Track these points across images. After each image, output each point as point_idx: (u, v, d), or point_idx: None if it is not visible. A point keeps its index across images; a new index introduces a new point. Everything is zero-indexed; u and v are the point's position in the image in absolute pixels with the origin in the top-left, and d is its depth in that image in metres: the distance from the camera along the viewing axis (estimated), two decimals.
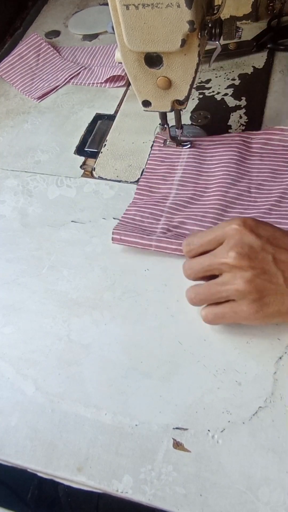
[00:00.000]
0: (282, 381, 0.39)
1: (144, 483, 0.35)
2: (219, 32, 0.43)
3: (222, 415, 0.37)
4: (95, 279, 0.47)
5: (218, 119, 0.60)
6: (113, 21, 0.41)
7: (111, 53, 0.74)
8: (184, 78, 0.45)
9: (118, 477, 0.36)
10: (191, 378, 0.40)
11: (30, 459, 0.37)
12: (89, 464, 0.36)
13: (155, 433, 0.37)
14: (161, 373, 0.40)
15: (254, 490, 0.34)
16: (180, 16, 0.38)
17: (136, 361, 0.41)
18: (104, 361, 0.42)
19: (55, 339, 0.44)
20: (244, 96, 0.62)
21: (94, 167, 0.58)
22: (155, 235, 0.49)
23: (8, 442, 0.38)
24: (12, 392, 0.41)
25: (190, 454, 0.36)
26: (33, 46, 0.76)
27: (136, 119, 0.62)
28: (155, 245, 0.47)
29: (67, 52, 0.77)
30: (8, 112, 0.69)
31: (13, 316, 0.46)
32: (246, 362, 0.40)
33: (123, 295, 0.46)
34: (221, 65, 0.68)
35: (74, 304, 0.46)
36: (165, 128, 0.54)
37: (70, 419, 0.39)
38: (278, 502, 0.33)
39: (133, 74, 0.46)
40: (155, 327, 0.43)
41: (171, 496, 0.34)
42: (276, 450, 0.35)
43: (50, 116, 0.67)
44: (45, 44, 0.77)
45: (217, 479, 0.35)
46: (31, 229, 0.53)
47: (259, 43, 0.68)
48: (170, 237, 0.48)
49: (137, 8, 0.38)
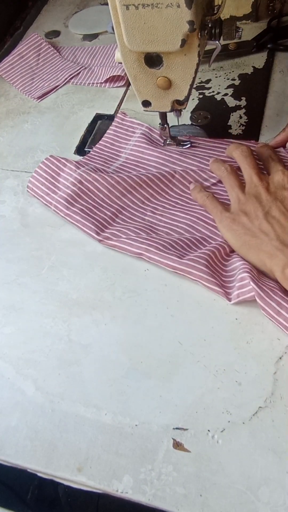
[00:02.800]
0: (282, 381, 0.39)
1: (144, 483, 0.35)
2: (219, 32, 0.43)
3: (222, 415, 0.37)
4: (95, 279, 0.47)
5: (218, 119, 0.60)
6: (113, 21, 0.41)
7: (111, 53, 0.74)
8: (184, 78, 0.45)
9: (118, 477, 0.36)
10: (191, 378, 0.40)
11: (30, 459, 0.37)
12: (89, 464, 0.36)
13: (155, 433, 0.37)
14: (161, 373, 0.40)
15: (254, 490, 0.34)
16: (180, 16, 0.38)
17: (136, 361, 0.41)
18: (104, 361, 0.42)
19: (55, 339, 0.44)
20: (244, 96, 0.62)
21: None
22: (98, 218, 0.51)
23: (8, 442, 0.38)
24: (12, 392, 0.41)
25: (190, 454, 0.36)
26: (33, 46, 0.76)
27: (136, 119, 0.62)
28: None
29: (67, 52, 0.77)
30: (8, 112, 0.69)
31: (13, 316, 0.46)
32: (246, 362, 0.40)
33: (123, 295, 0.46)
34: (221, 65, 0.68)
35: (74, 304, 0.46)
36: (165, 128, 0.54)
37: (70, 419, 0.39)
38: (278, 502, 0.33)
39: (133, 74, 0.46)
40: (155, 327, 0.43)
41: (171, 496, 0.34)
42: (276, 450, 0.35)
43: (50, 116, 0.67)
44: (45, 44, 0.77)
45: (217, 479, 0.35)
46: (31, 229, 0.53)
47: (259, 43, 0.68)
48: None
49: (137, 8, 0.38)
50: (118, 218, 0.52)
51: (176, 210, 0.52)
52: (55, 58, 0.76)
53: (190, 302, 0.44)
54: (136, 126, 0.60)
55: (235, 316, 0.43)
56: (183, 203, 0.52)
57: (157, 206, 0.52)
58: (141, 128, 0.59)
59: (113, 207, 0.52)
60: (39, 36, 0.77)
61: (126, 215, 0.52)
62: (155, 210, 0.52)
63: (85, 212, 0.51)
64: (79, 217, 0.51)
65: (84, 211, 0.51)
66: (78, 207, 0.52)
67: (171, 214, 0.51)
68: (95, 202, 0.53)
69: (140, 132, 0.59)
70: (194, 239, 0.48)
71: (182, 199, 0.53)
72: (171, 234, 0.49)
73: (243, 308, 0.43)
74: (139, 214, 0.52)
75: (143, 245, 0.47)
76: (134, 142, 0.58)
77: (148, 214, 0.52)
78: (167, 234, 0.49)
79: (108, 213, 0.52)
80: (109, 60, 0.74)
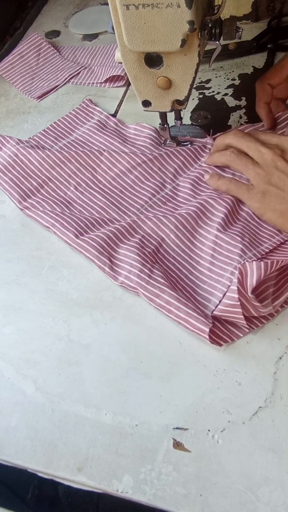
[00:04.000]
0: (282, 381, 0.39)
1: (144, 483, 0.35)
2: (219, 32, 0.43)
3: (222, 415, 0.37)
4: (95, 279, 0.47)
5: (218, 119, 0.60)
6: (113, 21, 0.41)
7: (111, 53, 0.74)
8: (184, 78, 0.45)
9: (118, 477, 0.36)
10: (191, 378, 0.40)
11: (30, 459, 0.37)
12: (89, 464, 0.36)
13: (155, 433, 0.37)
14: (161, 373, 0.40)
15: (254, 490, 0.34)
16: (180, 16, 0.38)
17: (136, 361, 0.41)
18: (104, 361, 0.42)
19: (55, 339, 0.44)
20: (244, 96, 0.62)
21: None
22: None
23: (8, 442, 0.38)
24: (12, 392, 0.41)
25: (190, 454, 0.36)
26: (33, 45, 0.76)
27: (136, 119, 0.62)
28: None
29: (67, 52, 0.77)
30: (8, 112, 0.69)
31: (13, 316, 0.46)
32: (246, 362, 0.40)
33: (123, 295, 0.46)
34: (221, 65, 0.68)
35: (74, 304, 0.46)
36: (165, 128, 0.54)
37: (70, 419, 0.39)
38: (278, 502, 0.33)
39: (133, 74, 0.46)
40: (155, 327, 0.43)
41: (171, 496, 0.34)
42: (276, 450, 0.35)
43: (50, 116, 0.67)
44: (45, 43, 0.77)
45: (217, 479, 0.35)
46: (31, 229, 0.53)
47: (259, 44, 0.68)
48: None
49: (137, 8, 0.38)
50: (42, 189, 0.55)
51: (95, 190, 0.54)
52: (55, 57, 0.76)
53: None
54: (96, 113, 0.64)
55: None
56: (106, 182, 0.55)
57: (81, 182, 0.55)
58: (99, 116, 0.63)
59: (40, 178, 0.56)
60: (39, 36, 0.77)
61: (51, 187, 0.56)
62: (78, 186, 0.55)
63: (14, 182, 0.56)
64: (7, 186, 0.55)
65: (13, 181, 0.56)
66: (8, 177, 0.56)
67: (89, 193, 0.54)
68: (25, 172, 0.57)
69: (97, 119, 0.63)
70: (101, 220, 0.51)
71: (106, 178, 0.55)
72: (84, 213, 0.52)
73: None
74: (63, 187, 0.56)
75: (51, 220, 0.50)
76: (89, 126, 0.62)
77: (71, 189, 0.55)
78: (80, 213, 0.52)
79: (35, 183, 0.56)
80: (109, 60, 0.74)
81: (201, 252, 0.46)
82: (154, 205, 0.52)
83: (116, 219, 0.51)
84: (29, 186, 0.55)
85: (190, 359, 0.41)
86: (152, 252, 0.46)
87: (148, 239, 0.48)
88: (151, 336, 0.43)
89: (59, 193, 0.55)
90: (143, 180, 0.54)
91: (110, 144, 0.58)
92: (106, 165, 0.55)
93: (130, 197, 0.53)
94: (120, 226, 0.49)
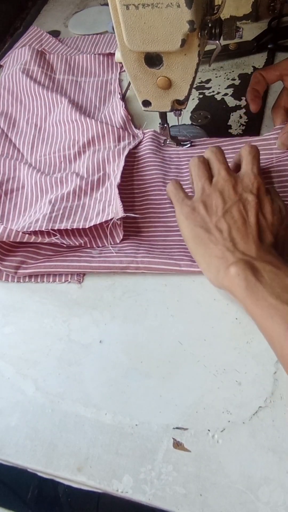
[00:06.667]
0: (282, 381, 0.39)
1: (144, 483, 0.35)
2: (219, 32, 0.43)
3: (222, 415, 0.37)
4: (95, 279, 0.47)
5: (218, 119, 0.60)
6: (113, 21, 0.41)
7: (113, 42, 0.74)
8: (184, 78, 0.45)
9: (118, 477, 0.36)
10: (191, 378, 0.40)
11: (30, 459, 0.37)
12: (89, 464, 0.36)
13: (155, 433, 0.37)
14: (161, 373, 0.40)
15: (254, 490, 0.34)
16: (180, 16, 0.38)
17: (136, 361, 0.41)
18: (104, 361, 0.42)
19: (55, 339, 0.44)
20: (244, 96, 0.62)
21: None
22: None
23: (8, 442, 0.38)
24: (12, 392, 0.41)
25: (190, 454, 0.36)
26: (35, 37, 0.78)
27: (136, 119, 0.62)
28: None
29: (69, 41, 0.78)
30: None
31: (13, 316, 0.46)
32: (246, 362, 0.40)
33: (123, 295, 0.46)
34: (221, 65, 0.68)
35: (74, 304, 0.46)
36: (165, 128, 0.54)
37: (70, 419, 0.39)
38: (278, 502, 0.33)
39: (133, 74, 0.46)
40: (155, 327, 0.43)
41: (171, 496, 0.34)
42: (276, 450, 0.35)
43: None
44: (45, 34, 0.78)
45: (217, 479, 0.35)
46: None
47: (260, 44, 0.68)
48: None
49: (137, 8, 0.38)
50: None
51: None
52: (57, 45, 0.76)
53: (190, 302, 0.44)
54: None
55: (235, 316, 0.43)
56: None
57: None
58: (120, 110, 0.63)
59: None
60: (40, 29, 0.79)
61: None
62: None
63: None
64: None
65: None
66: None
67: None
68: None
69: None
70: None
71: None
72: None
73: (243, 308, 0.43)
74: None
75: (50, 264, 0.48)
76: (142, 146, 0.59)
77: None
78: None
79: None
80: (111, 49, 0.73)
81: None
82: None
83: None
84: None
85: (190, 359, 0.41)
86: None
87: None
88: (151, 336, 0.43)
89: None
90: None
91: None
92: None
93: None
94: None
